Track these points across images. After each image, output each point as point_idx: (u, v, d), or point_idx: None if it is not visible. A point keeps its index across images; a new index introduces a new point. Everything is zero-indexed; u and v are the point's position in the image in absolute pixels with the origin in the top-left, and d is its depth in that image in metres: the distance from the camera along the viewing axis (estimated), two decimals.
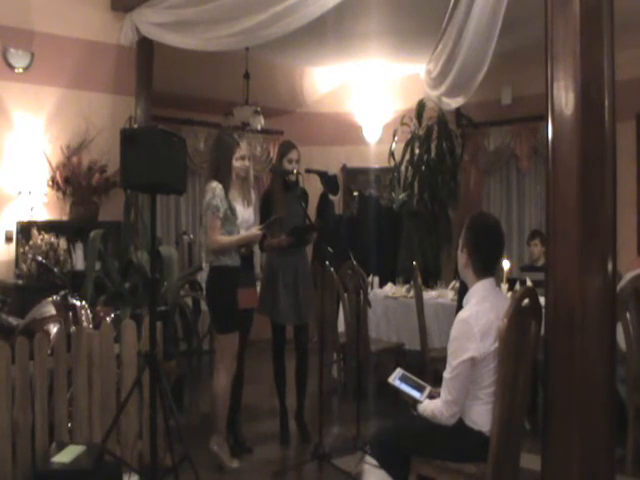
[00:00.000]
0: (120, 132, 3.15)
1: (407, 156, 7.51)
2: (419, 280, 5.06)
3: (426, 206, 7.41)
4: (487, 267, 2.83)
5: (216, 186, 3.89)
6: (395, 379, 2.93)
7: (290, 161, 4.42)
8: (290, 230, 4.26)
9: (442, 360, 2.87)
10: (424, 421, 2.79)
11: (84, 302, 3.89)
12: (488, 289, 2.81)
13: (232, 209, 3.96)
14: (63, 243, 5.19)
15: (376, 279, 6.18)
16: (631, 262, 4.56)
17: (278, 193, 4.45)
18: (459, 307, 3.12)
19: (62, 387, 3.46)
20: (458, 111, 7.20)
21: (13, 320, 3.83)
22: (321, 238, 4.33)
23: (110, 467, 3.27)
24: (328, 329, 5.06)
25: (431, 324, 5.18)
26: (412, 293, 5.38)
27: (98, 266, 4.92)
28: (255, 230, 4.07)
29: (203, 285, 4.51)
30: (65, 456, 3.16)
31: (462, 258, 2.85)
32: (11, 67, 5.30)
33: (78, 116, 5.50)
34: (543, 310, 2.78)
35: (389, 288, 5.94)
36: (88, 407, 3.54)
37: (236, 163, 4.01)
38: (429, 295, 5.45)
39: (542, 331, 2.79)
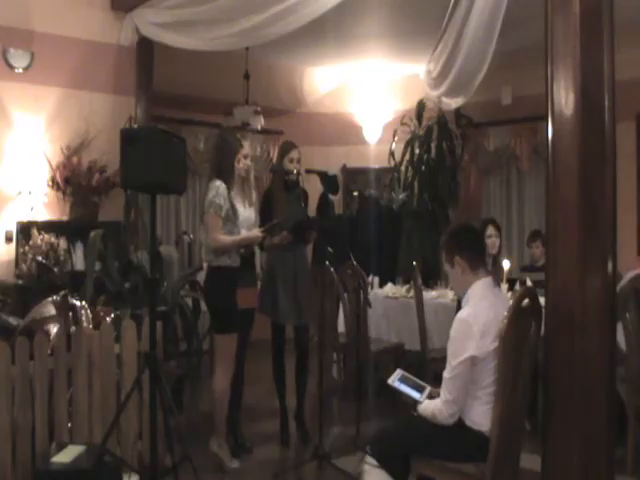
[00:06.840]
0: (120, 132, 3.15)
1: (407, 156, 7.49)
2: (419, 280, 5.06)
3: (426, 206, 7.39)
4: (480, 258, 2.89)
5: (220, 185, 3.88)
6: (395, 380, 2.93)
7: (291, 160, 4.42)
8: (292, 226, 4.23)
9: (442, 360, 2.87)
10: (424, 421, 2.79)
11: (84, 302, 3.89)
12: (487, 288, 2.82)
13: (234, 209, 3.96)
14: (63, 243, 5.18)
15: (376, 279, 6.17)
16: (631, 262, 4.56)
17: (278, 193, 4.45)
18: (459, 307, 3.12)
19: (62, 387, 3.46)
20: (458, 111, 7.17)
21: (13, 320, 3.83)
22: (321, 238, 4.32)
23: (110, 467, 3.27)
24: (328, 329, 5.05)
25: (431, 324, 5.17)
26: (412, 293, 5.37)
27: (98, 266, 4.92)
28: (256, 232, 4.07)
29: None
30: (65, 456, 3.17)
31: (457, 270, 2.87)
32: (11, 67, 5.29)
33: (78, 116, 5.50)
34: (543, 310, 2.78)
35: (389, 288, 5.94)
36: (88, 407, 3.54)
37: (238, 164, 4.01)
38: (429, 295, 5.44)
39: (542, 331, 2.79)
